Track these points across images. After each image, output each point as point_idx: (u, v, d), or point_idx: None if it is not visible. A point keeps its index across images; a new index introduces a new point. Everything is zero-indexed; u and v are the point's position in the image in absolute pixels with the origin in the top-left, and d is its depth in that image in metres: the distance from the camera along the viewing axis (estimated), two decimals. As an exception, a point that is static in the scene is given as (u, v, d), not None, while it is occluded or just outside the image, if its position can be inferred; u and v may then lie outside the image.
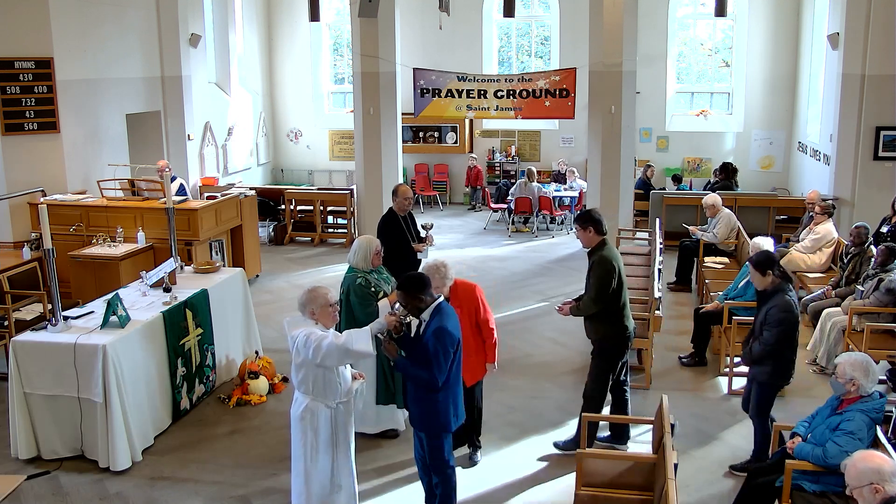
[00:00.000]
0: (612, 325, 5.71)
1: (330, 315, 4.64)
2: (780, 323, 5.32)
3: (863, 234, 8.35)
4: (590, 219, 5.69)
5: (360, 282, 5.81)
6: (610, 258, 5.61)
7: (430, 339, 4.46)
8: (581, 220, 5.72)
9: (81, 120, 10.51)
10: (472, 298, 5.52)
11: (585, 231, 5.67)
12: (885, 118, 10.92)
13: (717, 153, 15.54)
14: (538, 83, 13.03)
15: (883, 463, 3.49)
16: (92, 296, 7.35)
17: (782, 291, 5.41)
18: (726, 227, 9.91)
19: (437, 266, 5.25)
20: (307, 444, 4.62)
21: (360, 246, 5.91)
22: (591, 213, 5.79)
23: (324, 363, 4.46)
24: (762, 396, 5.50)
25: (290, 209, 13.33)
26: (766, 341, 5.36)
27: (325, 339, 4.43)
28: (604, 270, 5.57)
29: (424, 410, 4.64)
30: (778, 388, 5.59)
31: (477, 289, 5.59)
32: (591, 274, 5.67)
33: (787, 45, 14.99)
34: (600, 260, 5.60)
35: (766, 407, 5.52)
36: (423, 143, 16.44)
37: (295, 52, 17.03)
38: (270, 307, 9.60)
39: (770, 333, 5.35)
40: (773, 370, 5.42)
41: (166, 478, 5.66)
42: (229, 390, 7.01)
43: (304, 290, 4.68)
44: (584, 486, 4.58)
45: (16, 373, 5.74)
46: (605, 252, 5.63)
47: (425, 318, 4.59)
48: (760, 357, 5.42)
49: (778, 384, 5.54)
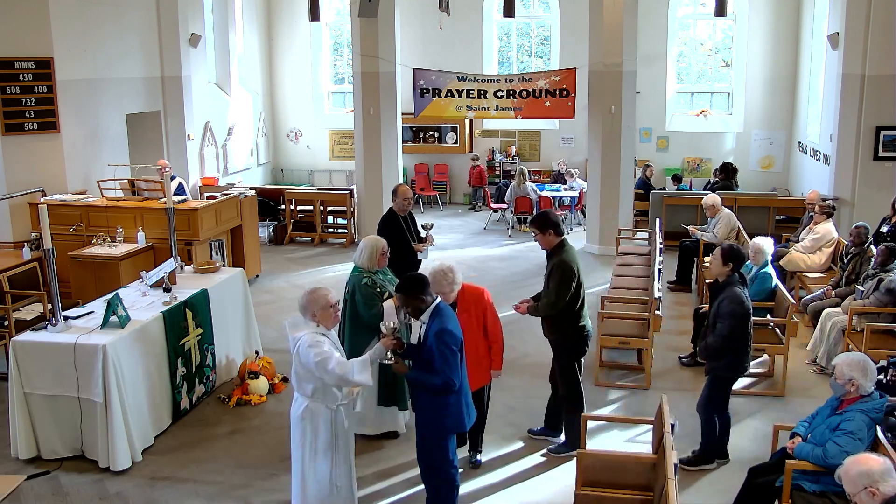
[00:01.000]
0: (569, 325, 5.71)
1: (331, 316, 4.63)
2: (732, 315, 5.38)
3: (863, 234, 8.36)
4: (548, 221, 5.65)
5: (365, 281, 5.80)
6: (570, 261, 5.58)
7: (434, 342, 4.45)
8: (539, 224, 5.67)
9: (81, 120, 10.51)
10: (481, 303, 5.43)
11: (545, 234, 5.65)
12: (885, 118, 10.92)
13: (717, 153, 15.54)
14: (538, 83, 13.03)
15: (872, 464, 3.49)
16: (92, 296, 7.35)
17: (732, 285, 5.47)
18: (726, 227, 9.91)
19: (445, 270, 5.13)
20: (306, 445, 4.62)
21: (367, 246, 5.90)
22: (549, 216, 5.73)
23: (322, 379, 4.49)
24: (714, 389, 5.58)
25: (290, 209, 13.33)
26: (720, 333, 5.44)
27: (329, 363, 4.41)
28: (564, 275, 5.55)
29: (436, 412, 4.61)
30: (731, 381, 5.67)
31: (485, 293, 5.50)
32: (550, 277, 5.63)
33: (787, 45, 14.99)
34: (560, 263, 5.58)
35: (717, 399, 5.59)
36: (423, 143, 16.43)
37: (295, 52, 17.03)
38: (270, 307, 9.60)
39: (722, 325, 5.42)
40: (727, 363, 5.50)
41: (166, 478, 5.66)
42: (229, 390, 7.01)
43: (305, 292, 4.66)
44: (584, 486, 4.58)
45: (16, 373, 5.74)
46: (565, 255, 5.60)
47: (425, 321, 4.58)
48: (716, 349, 5.48)
49: (731, 377, 5.61)
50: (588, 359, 7.70)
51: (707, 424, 5.64)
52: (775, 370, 7.35)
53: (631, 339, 7.24)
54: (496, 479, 5.63)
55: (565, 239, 5.74)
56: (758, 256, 7.56)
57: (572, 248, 5.74)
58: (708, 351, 5.56)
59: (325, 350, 4.45)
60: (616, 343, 7.29)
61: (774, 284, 7.53)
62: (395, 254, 6.87)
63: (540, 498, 5.40)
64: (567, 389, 5.85)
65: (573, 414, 5.79)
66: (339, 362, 4.44)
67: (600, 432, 6.27)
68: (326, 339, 4.58)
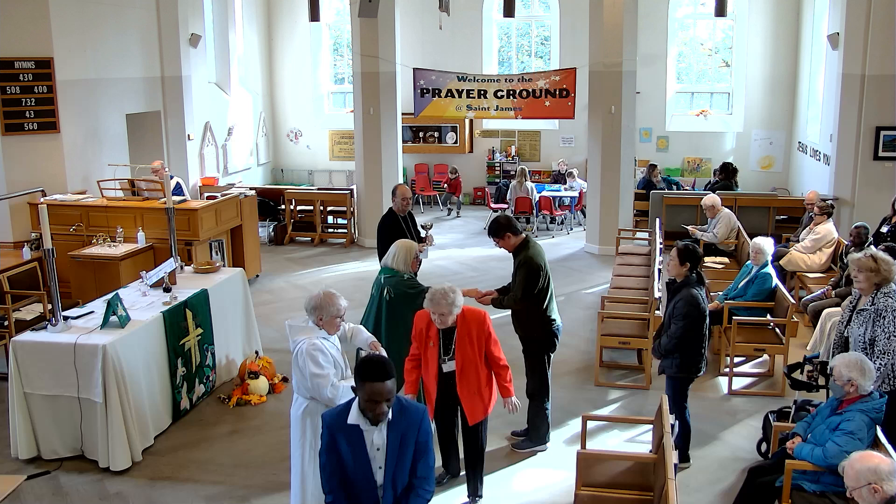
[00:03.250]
0: (539, 321, 5.69)
1: (336, 325, 4.60)
2: (686, 316, 5.38)
3: (863, 233, 8.36)
4: (500, 227, 5.62)
5: (407, 277, 5.82)
6: (534, 256, 5.56)
7: None
8: (494, 232, 5.64)
9: (81, 120, 10.51)
10: (483, 328, 4.96)
11: (504, 239, 5.63)
12: (885, 118, 10.91)
13: (717, 153, 15.54)
14: (538, 83, 13.03)
15: (880, 462, 3.49)
16: (92, 296, 7.36)
17: (689, 285, 5.46)
18: (726, 228, 9.91)
19: (446, 292, 4.78)
20: (306, 445, 4.61)
21: (401, 249, 5.90)
22: (500, 221, 5.66)
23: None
24: (672, 389, 5.59)
25: (290, 209, 13.33)
26: (673, 334, 5.45)
27: (325, 388, 4.39)
28: (529, 270, 5.53)
29: None
30: (688, 381, 5.66)
31: (487, 318, 5.03)
32: (517, 273, 5.60)
33: (787, 45, 14.99)
34: (525, 259, 5.56)
35: (678, 399, 5.59)
36: (423, 143, 16.43)
37: (295, 52, 17.03)
38: (270, 307, 9.60)
39: (677, 326, 5.43)
40: (681, 363, 5.50)
41: (166, 478, 5.66)
42: (229, 390, 7.01)
43: (320, 293, 4.56)
44: (584, 486, 4.58)
45: (16, 373, 5.74)
46: (531, 251, 5.59)
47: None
48: (669, 350, 5.49)
49: (687, 377, 5.61)
50: (588, 359, 7.75)
51: (680, 425, 5.61)
52: (775, 370, 7.35)
53: (631, 339, 7.25)
54: (496, 479, 5.62)
55: (528, 237, 5.71)
56: (758, 256, 7.56)
57: (537, 245, 5.72)
58: (661, 351, 5.59)
59: (324, 371, 4.41)
60: (616, 343, 7.29)
61: (774, 284, 7.53)
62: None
63: (540, 498, 5.40)
64: (533, 384, 5.80)
65: (538, 409, 5.80)
66: (332, 387, 4.42)
67: (600, 432, 6.26)
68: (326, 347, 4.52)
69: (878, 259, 5.21)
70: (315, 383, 4.42)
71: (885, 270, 5.17)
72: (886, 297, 5.15)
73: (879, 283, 5.19)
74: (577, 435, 5.66)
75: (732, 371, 7.14)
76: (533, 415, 5.92)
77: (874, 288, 5.21)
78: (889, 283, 5.20)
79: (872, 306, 5.17)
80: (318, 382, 4.41)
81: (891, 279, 5.19)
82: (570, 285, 10.41)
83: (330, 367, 4.47)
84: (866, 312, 5.19)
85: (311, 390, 4.48)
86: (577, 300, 9.86)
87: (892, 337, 5.06)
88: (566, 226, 14.26)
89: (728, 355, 7.20)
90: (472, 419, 5.02)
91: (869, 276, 5.19)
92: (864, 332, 5.17)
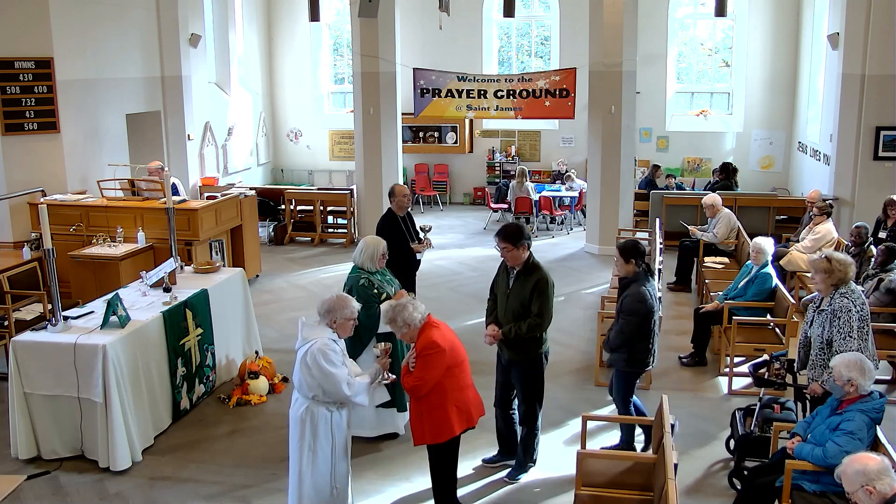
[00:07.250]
0: (536, 342, 5.42)
1: (348, 328, 4.65)
2: (633, 313, 5.42)
3: (863, 234, 8.36)
4: (521, 234, 5.30)
5: (363, 282, 5.79)
6: (549, 275, 5.33)
7: None
8: (512, 237, 5.27)
9: (81, 120, 10.51)
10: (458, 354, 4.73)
11: (518, 249, 5.28)
12: (885, 118, 10.92)
13: (717, 153, 15.54)
14: (538, 83, 13.04)
15: (868, 462, 3.49)
16: (92, 296, 7.35)
17: (638, 282, 5.49)
18: (726, 227, 9.91)
19: (388, 310, 4.65)
20: (305, 446, 4.61)
21: (368, 245, 5.88)
22: (520, 228, 5.38)
23: (322, 388, 4.52)
24: (620, 383, 5.66)
25: (290, 209, 13.34)
26: (620, 329, 5.49)
27: (342, 384, 4.43)
28: (549, 288, 5.28)
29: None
30: (635, 376, 5.72)
31: (427, 347, 4.58)
32: (532, 295, 5.27)
33: (787, 45, 14.99)
34: (541, 279, 5.27)
35: (626, 394, 5.64)
36: (423, 143, 16.43)
37: (295, 52, 17.03)
38: (270, 307, 9.60)
39: (624, 322, 5.47)
40: (628, 357, 5.55)
41: (166, 478, 5.66)
42: (229, 390, 7.01)
43: (334, 296, 4.63)
44: (584, 486, 4.58)
45: (16, 373, 5.73)
46: (544, 271, 5.32)
47: None
48: (616, 345, 5.54)
49: (634, 371, 5.66)
50: (588, 359, 7.75)
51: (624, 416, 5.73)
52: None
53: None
54: (496, 479, 5.62)
55: (532, 254, 5.42)
56: (758, 256, 7.56)
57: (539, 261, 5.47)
58: (609, 345, 5.65)
59: (339, 371, 4.45)
60: (616, 343, 7.28)
61: (774, 284, 7.53)
62: (394, 254, 6.88)
63: (540, 498, 5.40)
64: (528, 409, 5.55)
65: (533, 436, 5.62)
66: (349, 385, 4.47)
67: (600, 432, 6.26)
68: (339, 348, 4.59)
69: (832, 260, 5.25)
70: (331, 381, 4.43)
71: (839, 271, 5.21)
72: (842, 298, 5.20)
73: (836, 284, 5.24)
74: (577, 435, 5.64)
75: (732, 371, 7.14)
76: (527, 444, 5.68)
77: (832, 289, 5.26)
78: (846, 283, 5.25)
79: (829, 307, 5.23)
80: (334, 380, 4.43)
81: (847, 280, 5.25)
82: (570, 285, 10.41)
83: (345, 370, 4.50)
84: (825, 313, 5.26)
85: (326, 389, 4.47)
86: (576, 300, 9.86)
87: (848, 337, 5.12)
88: (566, 226, 14.27)
89: (728, 355, 7.20)
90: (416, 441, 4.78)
91: (824, 277, 5.25)
92: (822, 332, 5.25)
